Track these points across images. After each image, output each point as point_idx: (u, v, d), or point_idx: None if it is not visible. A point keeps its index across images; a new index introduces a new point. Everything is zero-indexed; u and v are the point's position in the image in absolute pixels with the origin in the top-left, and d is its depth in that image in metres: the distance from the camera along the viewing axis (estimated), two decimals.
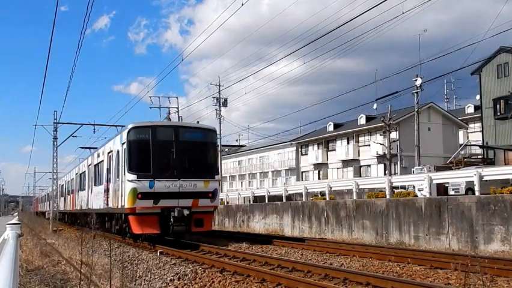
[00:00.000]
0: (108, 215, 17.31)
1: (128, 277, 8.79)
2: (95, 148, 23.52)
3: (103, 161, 18.05)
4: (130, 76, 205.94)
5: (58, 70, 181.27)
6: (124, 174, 14.34)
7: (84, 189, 22.79)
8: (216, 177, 15.42)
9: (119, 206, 14.92)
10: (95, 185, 19.76)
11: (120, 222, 15.69)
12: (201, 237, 16.67)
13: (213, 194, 14.88)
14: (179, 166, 14.40)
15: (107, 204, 16.81)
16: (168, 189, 14.07)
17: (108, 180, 16.96)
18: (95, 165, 19.86)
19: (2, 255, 3.44)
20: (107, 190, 17.00)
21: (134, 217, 14.02)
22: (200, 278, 9.25)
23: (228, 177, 64.69)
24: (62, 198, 31.56)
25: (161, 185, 13.99)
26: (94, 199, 19.67)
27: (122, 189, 14.47)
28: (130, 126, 14.78)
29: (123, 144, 14.74)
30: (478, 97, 37.87)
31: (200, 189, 14.54)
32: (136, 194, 13.80)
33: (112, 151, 16.44)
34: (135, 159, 14.32)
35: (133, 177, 13.96)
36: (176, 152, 14.47)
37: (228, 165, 64.49)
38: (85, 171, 22.84)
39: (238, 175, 63.88)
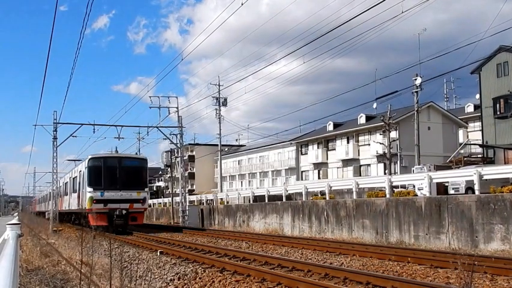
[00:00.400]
0: (79, 213, 24.40)
1: (128, 277, 8.79)
2: (80, 160, 31.81)
3: (76, 176, 25.30)
4: (130, 76, 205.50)
5: (58, 70, 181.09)
6: (86, 187, 21.94)
7: (67, 195, 29.57)
8: (146, 189, 23.24)
9: (83, 207, 22.25)
10: (73, 192, 26.48)
11: (85, 218, 22.32)
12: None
13: (143, 200, 22.56)
14: (121, 182, 21.99)
15: (78, 206, 24.04)
16: (113, 197, 21.54)
17: (79, 190, 24.19)
18: (73, 179, 26.82)
19: (2, 256, 3.44)
20: (78, 196, 24.29)
21: (91, 215, 21.27)
22: (200, 278, 9.25)
23: (228, 177, 64.65)
24: (54, 201, 36.93)
25: (109, 194, 21.57)
26: (72, 202, 26.63)
27: (85, 197, 22.01)
28: (89, 157, 22.83)
29: (85, 168, 22.42)
30: (477, 96, 37.80)
31: (134, 197, 22.07)
32: (92, 200, 21.33)
33: (81, 171, 23.93)
34: (92, 178, 21.97)
35: (90, 189, 21.60)
36: (119, 173, 22.10)
37: (227, 165, 64.45)
38: (67, 182, 29.85)
39: (238, 175, 63.84)
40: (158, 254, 13.26)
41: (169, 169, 56.72)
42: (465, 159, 34.53)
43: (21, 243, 12.75)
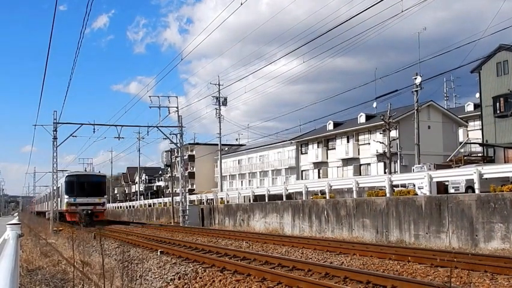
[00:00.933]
0: (61, 212, 33.20)
1: (129, 276, 8.78)
2: (67, 170, 45.04)
3: (60, 186, 34.17)
4: (129, 75, 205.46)
5: (58, 70, 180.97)
6: (64, 195, 32.11)
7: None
8: (104, 196, 34.07)
9: (63, 208, 32.27)
10: (58, 197, 34.51)
11: (64, 215, 32.31)
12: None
13: (102, 204, 33.00)
14: (87, 191, 31.97)
15: (61, 207, 33.08)
16: (82, 202, 31.20)
17: (60, 196, 33.64)
18: (58, 187, 34.82)
19: (3, 256, 3.44)
20: (61, 200, 33.47)
21: (68, 213, 31.33)
22: (200, 277, 9.26)
23: (228, 177, 64.63)
24: (46, 203, 47.84)
25: (80, 199, 31.40)
26: (58, 204, 35.11)
27: (63, 201, 32.09)
28: (66, 174, 34.73)
29: (64, 182, 32.94)
30: (477, 95, 37.80)
31: (96, 202, 32.13)
32: (68, 204, 31.40)
33: (61, 183, 33.81)
34: (68, 189, 32.15)
35: (67, 197, 31.79)
36: (86, 186, 32.28)
37: (227, 165, 64.42)
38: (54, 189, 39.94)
39: (238, 174, 63.83)
40: (159, 253, 13.26)
41: (169, 169, 56.75)
42: (465, 158, 34.51)
43: (21, 243, 12.75)
